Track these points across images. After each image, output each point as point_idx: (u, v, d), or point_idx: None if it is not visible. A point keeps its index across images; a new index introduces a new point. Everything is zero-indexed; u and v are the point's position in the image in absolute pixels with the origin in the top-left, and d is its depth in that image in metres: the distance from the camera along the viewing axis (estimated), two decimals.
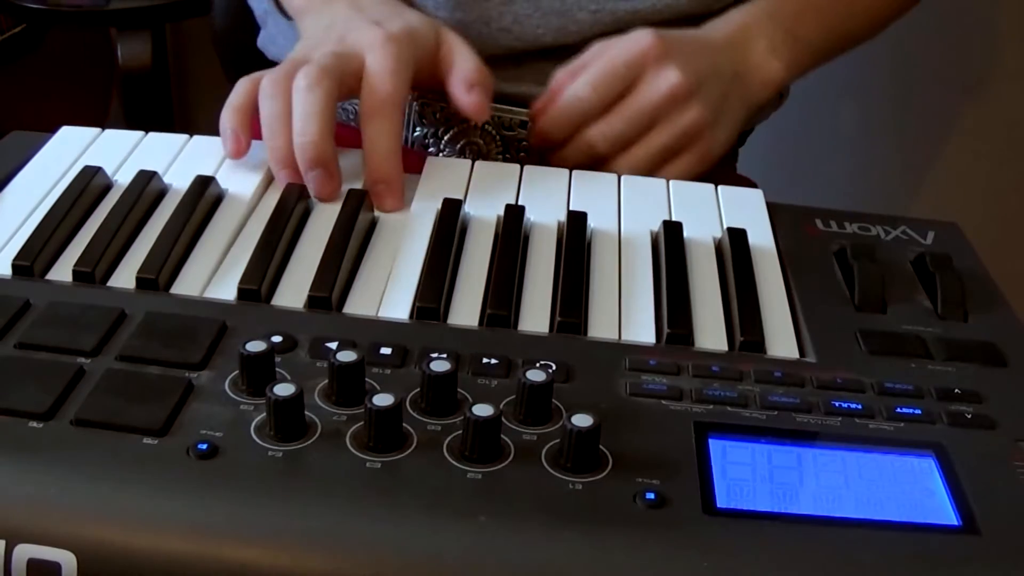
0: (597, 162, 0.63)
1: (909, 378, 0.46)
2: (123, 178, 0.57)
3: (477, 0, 0.69)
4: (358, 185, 0.57)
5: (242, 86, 0.59)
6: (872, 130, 1.18)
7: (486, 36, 0.70)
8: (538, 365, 0.43)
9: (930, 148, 1.18)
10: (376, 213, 0.56)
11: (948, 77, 1.12)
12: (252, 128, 0.59)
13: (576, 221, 0.55)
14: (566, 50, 0.71)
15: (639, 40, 0.63)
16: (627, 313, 0.50)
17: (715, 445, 0.41)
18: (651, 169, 0.63)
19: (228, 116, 0.58)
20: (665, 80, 0.62)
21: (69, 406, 0.41)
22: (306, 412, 0.40)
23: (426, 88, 0.63)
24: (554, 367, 0.44)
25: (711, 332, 0.49)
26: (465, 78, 0.61)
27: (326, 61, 0.57)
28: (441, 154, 0.73)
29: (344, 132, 0.75)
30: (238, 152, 0.58)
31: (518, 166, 0.61)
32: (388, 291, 0.50)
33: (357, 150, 0.61)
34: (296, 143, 0.55)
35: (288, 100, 0.56)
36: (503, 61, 0.72)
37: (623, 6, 0.69)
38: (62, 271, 0.50)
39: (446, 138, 0.74)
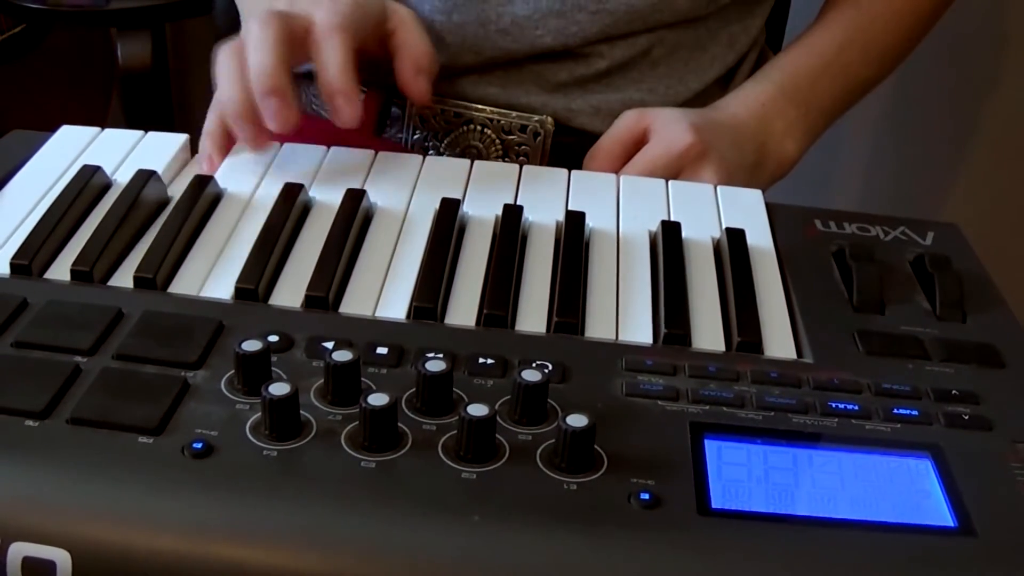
0: None
1: (906, 379, 0.46)
2: (122, 177, 0.57)
3: (475, 1, 0.69)
4: (357, 184, 0.57)
5: (213, 112, 0.60)
6: (873, 130, 1.18)
7: (483, 38, 0.70)
8: (534, 365, 0.43)
9: (931, 149, 1.18)
10: (373, 213, 0.56)
11: (949, 77, 1.12)
12: (227, 150, 0.60)
13: (574, 221, 0.55)
14: (565, 54, 0.71)
15: (680, 139, 0.64)
16: (624, 313, 0.50)
17: (710, 446, 0.41)
18: None
19: (204, 143, 0.60)
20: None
21: (65, 405, 0.41)
22: (301, 411, 0.40)
23: (373, 58, 0.63)
24: (550, 367, 0.44)
25: (708, 332, 0.49)
26: (414, 62, 0.63)
27: (276, 10, 0.57)
28: None
29: (341, 131, 0.76)
30: (210, 170, 0.59)
31: (517, 166, 0.61)
32: (385, 291, 0.50)
33: (357, 149, 0.61)
34: (252, 76, 0.55)
35: (242, 58, 0.57)
36: (503, 65, 0.72)
37: (622, 6, 0.69)
38: (60, 270, 0.50)
39: (446, 141, 0.74)
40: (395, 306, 0.49)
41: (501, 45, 0.70)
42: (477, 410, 0.39)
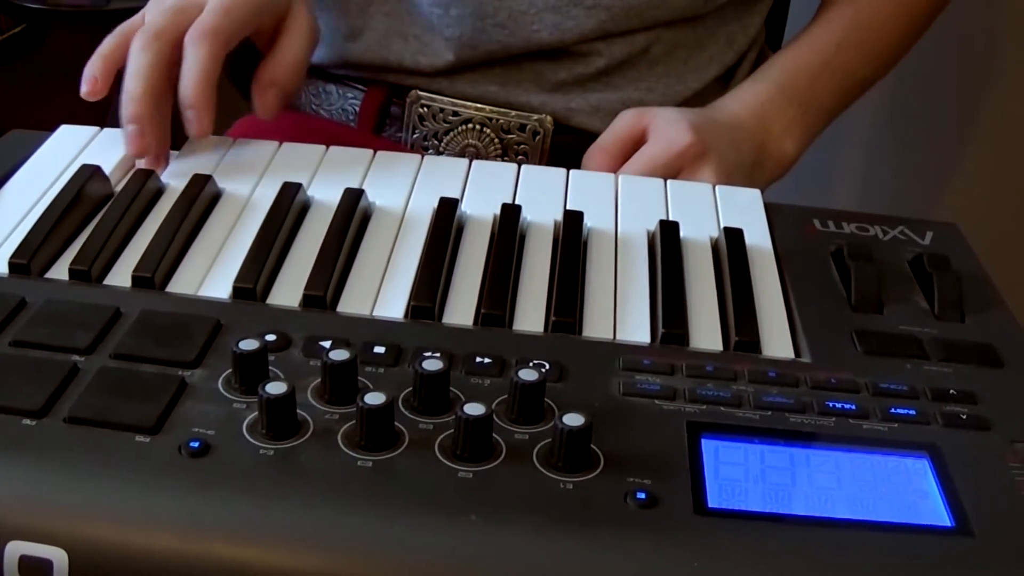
0: None
1: (904, 379, 0.46)
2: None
3: None
4: (355, 184, 0.57)
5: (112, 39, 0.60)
6: (872, 129, 1.18)
7: (480, 32, 0.70)
8: (531, 364, 0.43)
9: (930, 148, 1.18)
10: (371, 212, 0.56)
11: (949, 77, 1.12)
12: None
13: (572, 220, 0.55)
14: (564, 52, 0.71)
15: (680, 138, 0.64)
16: (622, 313, 0.50)
17: (708, 445, 0.41)
18: None
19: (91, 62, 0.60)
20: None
21: (62, 404, 0.41)
22: (298, 411, 0.40)
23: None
24: (547, 366, 0.44)
25: (706, 332, 0.49)
26: (271, 73, 0.61)
27: (160, 21, 0.58)
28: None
29: (344, 132, 0.76)
30: (91, 93, 0.59)
31: (515, 165, 0.61)
32: (383, 290, 0.50)
33: (355, 149, 0.61)
34: (122, 99, 0.57)
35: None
36: (502, 63, 0.72)
37: (618, 2, 0.69)
38: (58, 269, 0.50)
39: (445, 140, 0.74)
40: (393, 305, 0.49)
41: (498, 39, 0.70)
42: (474, 409, 0.39)
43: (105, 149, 0.60)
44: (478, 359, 0.44)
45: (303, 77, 0.63)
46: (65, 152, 0.59)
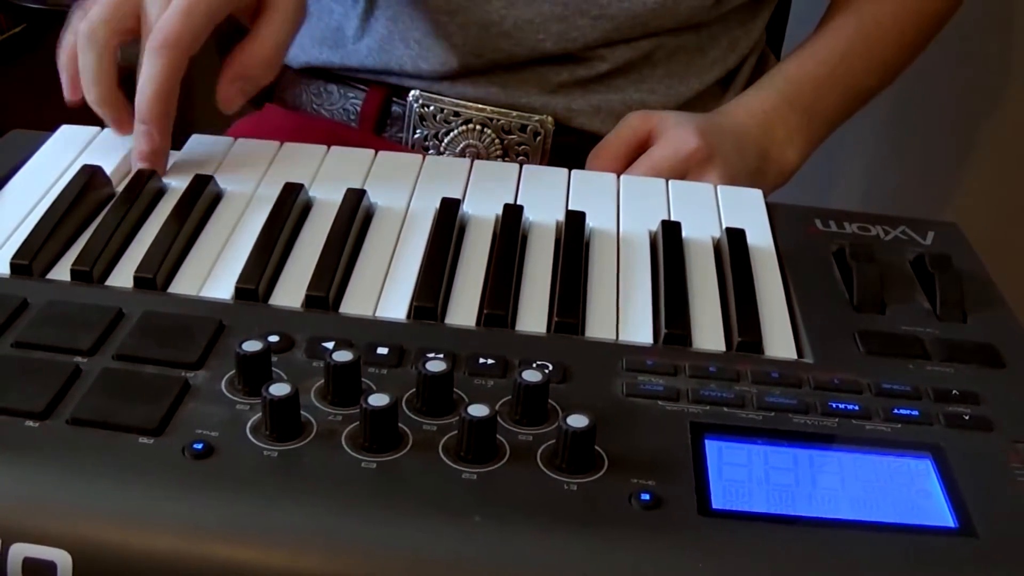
0: None
1: (907, 379, 0.46)
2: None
3: (477, 3, 0.69)
4: (357, 184, 0.57)
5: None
6: (874, 129, 1.18)
7: (486, 40, 0.70)
8: (534, 365, 0.43)
9: (932, 148, 1.18)
10: (373, 212, 0.56)
11: (951, 77, 1.12)
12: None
13: (574, 221, 0.55)
14: (567, 58, 0.71)
15: (686, 142, 0.64)
16: (625, 313, 0.50)
17: (711, 446, 0.41)
18: None
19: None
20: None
21: (65, 405, 0.41)
22: (302, 412, 0.40)
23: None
24: (551, 367, 0.44)
25: (709, 332, 0.49)
26: (242, 67, 0.58)
27: (100, 15, 0.56)
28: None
29: (345, 132, 0.76)
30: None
31: (517, 165, 0.61)
32: (386, 291, 0.50)
33: (357, 149, 0.61)
34: (137, 100, 0.56)
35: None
36: (505, 66, 0.72)
37: (623, 12, 0.69)
38: (60, 270, 0.50)
39: (446, 140, 0.74)
40: (395, 306, 0.49)
41: (503, 48, 0.70)
42: (477, 410, 0.39)
43: (106, 149, 0.60)
44: (481, 360, 0.44)
45: (278, 67, 0.60)
46: (66, 152, 0.59)
